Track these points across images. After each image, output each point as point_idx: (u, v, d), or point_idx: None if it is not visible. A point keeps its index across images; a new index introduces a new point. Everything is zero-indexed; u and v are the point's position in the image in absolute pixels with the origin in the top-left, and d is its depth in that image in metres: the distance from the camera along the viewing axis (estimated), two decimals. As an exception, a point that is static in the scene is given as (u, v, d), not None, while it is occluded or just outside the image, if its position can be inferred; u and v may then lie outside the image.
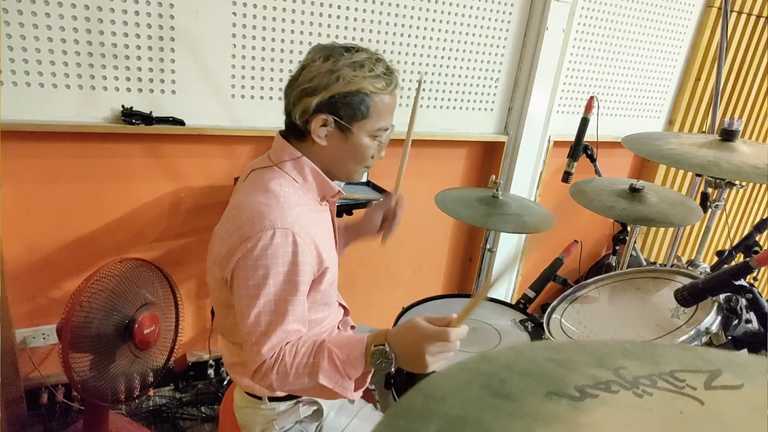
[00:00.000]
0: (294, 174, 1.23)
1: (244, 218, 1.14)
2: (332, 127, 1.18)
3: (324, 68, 1.14)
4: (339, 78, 1.13)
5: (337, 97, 1.14)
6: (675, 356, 0.39)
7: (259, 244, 1.10)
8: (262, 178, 1.22)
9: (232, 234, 1.15)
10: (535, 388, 0.34)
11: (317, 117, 1.16)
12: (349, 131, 1.18)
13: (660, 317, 1.42)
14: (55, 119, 1.84)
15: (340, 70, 1.13)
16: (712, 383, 0.36)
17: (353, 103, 1.15)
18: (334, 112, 1.16)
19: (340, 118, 1.16)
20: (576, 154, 2.39)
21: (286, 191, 1.18)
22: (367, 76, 1.15)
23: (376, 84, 1.16)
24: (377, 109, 1.18)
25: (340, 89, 1.14)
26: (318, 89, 1.14)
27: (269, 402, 1.34)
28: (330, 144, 1.20)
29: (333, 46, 1.18)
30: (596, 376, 0.36)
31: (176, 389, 2.42)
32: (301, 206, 1.19)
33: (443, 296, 1.90)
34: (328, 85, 1.14)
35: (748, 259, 1.26)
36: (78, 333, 1.63)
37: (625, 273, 1.67)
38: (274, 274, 1.11)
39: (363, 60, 1.15)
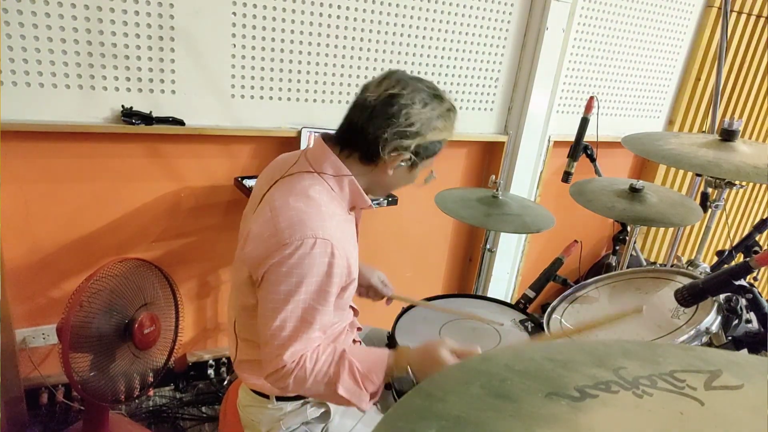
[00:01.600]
0: (332, 183, 1.25)
1: (283, 224, 1.14)
2: (407, 163, 1.25)
3: (424, 116, 1.19)
4: (434, 129, 1.22)
5: (426, 144, 1.23)
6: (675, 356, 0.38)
7: (298, 252, 1.11)
8: (301, 183, 1.22)
9: (268, 238, 1.15)
10: (535, 388, 0.34)
11: (402, 155, 1.22)
12: (417, 166, 1.27)
13: (660, 317, 1.42)
14: (55, 119, 1.84)
15: (436, 121, 1.21)
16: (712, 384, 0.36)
17: (433, 149, 1.26)
18: (417, 153, 1.23)
19: (417, 158, 1.24)
20: (576, 154, 2.39)
21: (324, 199, 1.20)
22: (449, 126, 1.26)
23: (452, 131, 1.28)
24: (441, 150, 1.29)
25: (432, 138, 1.22)
26: (416, 135, 1.20)
27: (277, 401, 1.33)
28: (394, 174, 1.27)
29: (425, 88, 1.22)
30: (596, 376, 0.35)
31: (176, 389, 2.42)
32: (336, 216, 1.22)
33: (443, 296, 1.90)
34: (425, 135, 1.21)
35: (748, 259, 1.26)
36: (78, 333, 1.63)
37: (625, 273, 1.67)
38: (308, 283, 1.12)
39: (449, 111, 1.25)
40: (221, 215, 2.29)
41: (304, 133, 2.21)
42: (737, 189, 2.05)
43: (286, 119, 2.21)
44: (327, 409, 1.36)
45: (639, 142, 1.81)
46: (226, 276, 2.42)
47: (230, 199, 2.27)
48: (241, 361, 1.36)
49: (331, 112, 2.30)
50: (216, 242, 2.32)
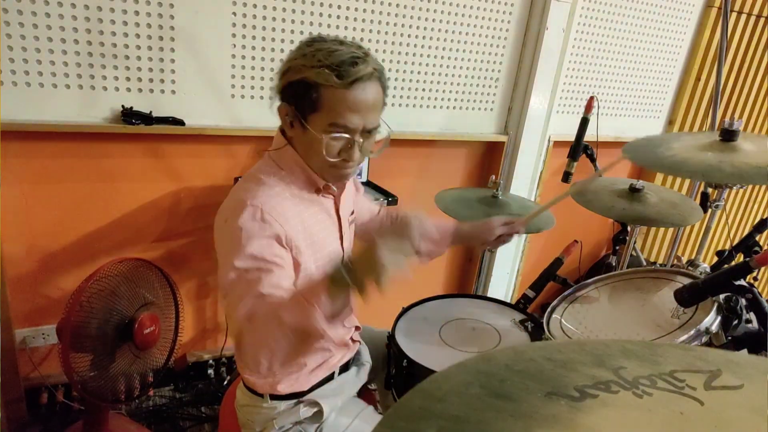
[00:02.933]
0: (281, 163, 1.25)
1: (225, 204, 1.21)
2: (293, 117, 1.17)
3: (292, 55, 1.15)
4: (292, 68, 1.13)
5: (290, 86, 1.14)
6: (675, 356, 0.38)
7: (231, 218, 1.14)
8: (254, 169, 1.27)
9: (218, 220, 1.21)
10: (534, 388, 0.34)
11: (281, 105, 1.19)
12: (305, 124, 1.15)
13: (660, 317, 1.42)
14: (55, 119, 1.84)
15: (300, 59, 1.11)
16: (712, 383, 0.36)
17: (303, 94, 1.12)
18: (290, 101, 1.16)
19: (296, 108, 1.15)
20: (576, 154, 2.39)
21: (271, 180, 1.21)
22: (313, 66, 1.09)
23: (324, 75, 1.08)
24: (329, 104, 1.11)
25: (291, 77, 1.13)
26: (280, 76, 1.16)
27: (270, 400, 1.34)
28: (296, 136, 1.21)
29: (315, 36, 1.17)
30: (596, 376, 0.35)
31: (176, 389, 2.42)
32: (283, 191, 1.21)
33: (443, 296, 1.90)
34: (286, 73, 1.14)
35: (748, 259, 1.26)
36: (78, 333, 1.63)
37: (625, 273, 1.67)
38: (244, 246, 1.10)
39: (321, 49, 1.10)
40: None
41: (304, 133, 2.21)
42: (737, 189, 2.05)
43: (286, 119, 2.21)
44: (320, 408, 1.36)
45: (640, 152, 1.80)
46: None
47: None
48: (239, 358, 1.37)
49: (331, 112, 2.29)
50: (216, 242, 2.31)
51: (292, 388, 1.33)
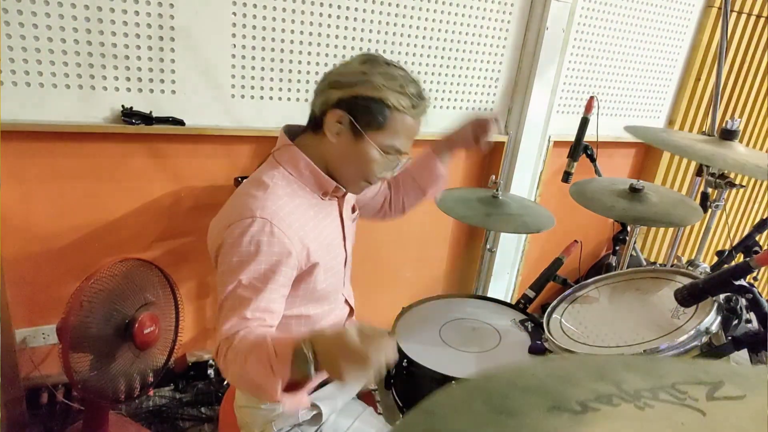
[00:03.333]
0: (289, 167, 1.23)
1: (229, 209, 1.18)
2: (346, 126, 1.17)
3: (358, 69, 1.15)
4: (367, 81, 1.14)
5: (359, 99, 1.14)
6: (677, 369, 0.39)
7: (237, 231, 1.11)
8: (260, 172, 1.24)
9: (217, 224, 1.19)
10: (537, 403, 0.34)
11: (334, 111, 1.16)
12: (361, 137, 1.17)
13: (660, 317, 1.42)
14: (55, 119, 1.84)
15: (371, 75, 1.14)
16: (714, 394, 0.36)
17: (373, 110, 1.15)
18: (352, 112, 1.15)
19: (355, 120, 1.15)
20: (576, 154, 2.38)
21: (276, 183, 1.19)
22: (394, 90, 1.14)
23: (401, 101, 1.15)
24: (394, 126, 1.17)
25: (365, 92, 1.14)
26: (345, 85, 1.15)
27: (269, 403, 1.34)
28: (339, 143, 1.19)
29: (379, 56, 1.20)
30: (598, 389, 0.36)
31: (176, 389, 2.42)
32: (290, 198, 1.20)
33: (443, 296, 1.90)
34: (355, 84, 1.14)
35: (748, 259, 1.26)
36: (78, 333, 1.63)
37: (625, 273, 1.67)
38: (246, 262, 1.10)
39: (397, 75, 1.16)
40: (221, 215, 2.28)
41: (304, 133, 2.21)
42: (737, 189, 2.05)
43: (286, 119, 2.19)
44: (319, 411, 1.36)
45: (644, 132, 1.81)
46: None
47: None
48: None
49: (331, 112, 2.29)
50: (216, 242, 2.32)
51: None
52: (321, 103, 1.17)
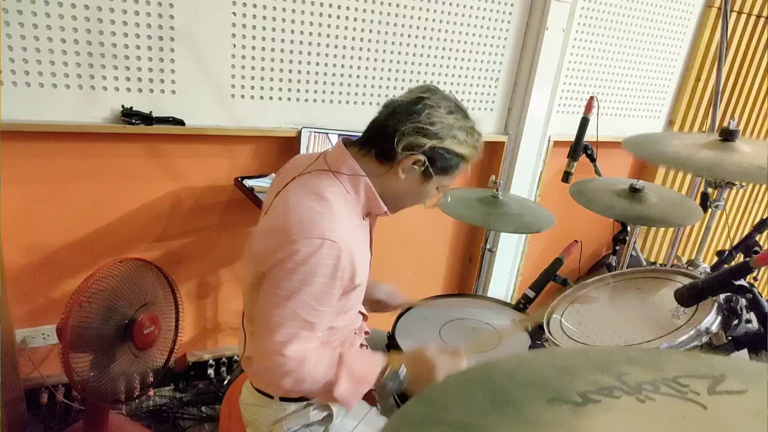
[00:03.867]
0: (348, 186, 1.24)
1: (293, 221, 1.14)
2: (419, 169, 1.23)
3: (447, 121, 1.20)
4: (454, 137, 1.21)
5: (442, 151, 1.21)
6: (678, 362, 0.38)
7: (305, 251, 1.11)
8: (317, 182, 1.22)
9: (278, 233, 1.15)
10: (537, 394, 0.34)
11: (415, 156, 1.20)
12: (430, 179, 1.25)
13: (660, 317, 1.42)
14: (55, 119, 1.84)
15: (457, 130, 1.21)
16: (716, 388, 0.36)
17: (449, 160, 1.24)
18: (431, 159, 1.22)
19: (432, 166, 1.22)
20: (576, 154, 2.39)
21: (338, 202, 1.20)
22: (471, 145, 1.25)
23: (474, 153, 1.27)
24: (456, 171, 1.29)
25: (450, 146, 1.21)
26: (434, 136, 1.19)
27: (280, 402, 1.33)
28: (405, 180, 1.25)
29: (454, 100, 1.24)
30: (599, 382, 0.35)
31: (176, 389, 2.42)
32: (349, 220, 1.21)
33: (443, 296, 1.90)
34: (443, 138, 1.20)
35: (748, 259, 1.26)
36: (78, 333, 1.63)
37: (625, 273, 1.67)
38: (312, 283, 1.12)
39: (473, 129, 1.25)
40: (221, 215, 2.29)
41: (304, 133, 2.21)
42: (737, 189, 2.05)
43: (286, 119, 2.21)
44: (330, 412, 1.36)
45: (639, 145, 1.80)
46: (226, 276, 2.42)
47: (230, 199, 2.27)
48: (249, 357, 1.36)
49: (331, 112, 2.30)
50: (216, 242, 2.32)
51: None
52: (406, 145, 1.20)
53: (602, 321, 1.51)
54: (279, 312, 1.13)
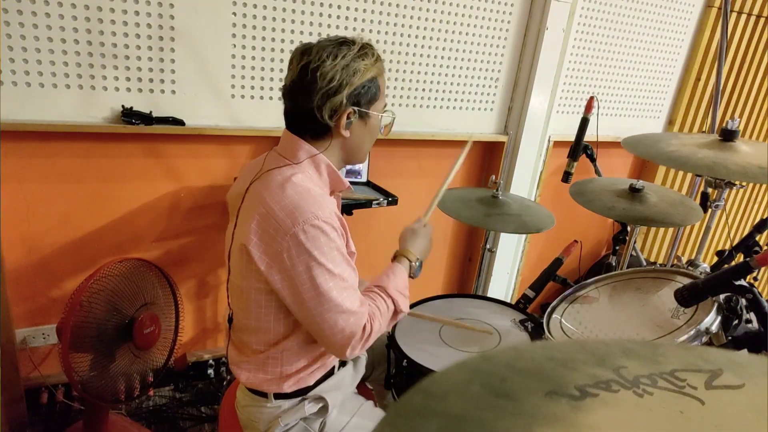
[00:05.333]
0: (311, 170, 1.27)
1: (281, 215, 1.16)
2: (356, 117, 1.25)
3: (339, 66, 1.19)
4: (356, 72, 1.21)
5: (358, 89, 1.22)
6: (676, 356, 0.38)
7: (309, 235, 1.15)
8: (282, 175, 1.24)
9: (273, 233, 1.17)
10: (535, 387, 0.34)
11: (344, 112, 1.22)
12: (368, 116, 1.27)
13: (660, 317, 1.42)
14: (55, 119, 1.84)
15: (353, 64, 1.20)
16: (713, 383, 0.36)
17: (370, 91, 1.25)
18: (356, 103, 1.24)
19: (361, 107, 1.25)
20: (576, 154, 2.39)
21: (309, 185, 1.23)
22: (372, 63, 1.24)
23: (379, 67, 1.27)
24: (382, 89, 1.29)
25: (360, 81, 1.22)
26: (342, 86, 1.20)
27: (275, 400, 1.34)
28: (352, 133, 1.27)
29: (328, 43, 1.22)
30: (597, 375, 0.35)
31: (176, 389, 2.42)
32: (326, 198, 1.26)
33: (443, 296, 1.90)
34: (350, 81, 1.20)
35: (748, 259, 1.26)
36: (78, 333, 1.63)
37: (625, 273, 1.67)
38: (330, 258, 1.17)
39: (362, 48, 1.24)
40: (221, 215, 2.29)
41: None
42: (737, 189, 2.05)
43: (286, 119, 2.21)
44: (325, 404, 1.37)
45: (640, 144, 1.81)
46: (226, 276, 2.41)
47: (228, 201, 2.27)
48: (238, 362, 1.36)
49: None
50: (216, 242, 2.32)
51: (297, 385, 1.34)
52: (330, 112, 1.21)
53: (602, 321, 1.51)
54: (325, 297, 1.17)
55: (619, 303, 1.58)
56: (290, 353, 1.30)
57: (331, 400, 1.37)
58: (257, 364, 1.32)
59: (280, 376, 1.32)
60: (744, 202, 3.76)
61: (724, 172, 1.57)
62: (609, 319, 1.51)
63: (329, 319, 1.19)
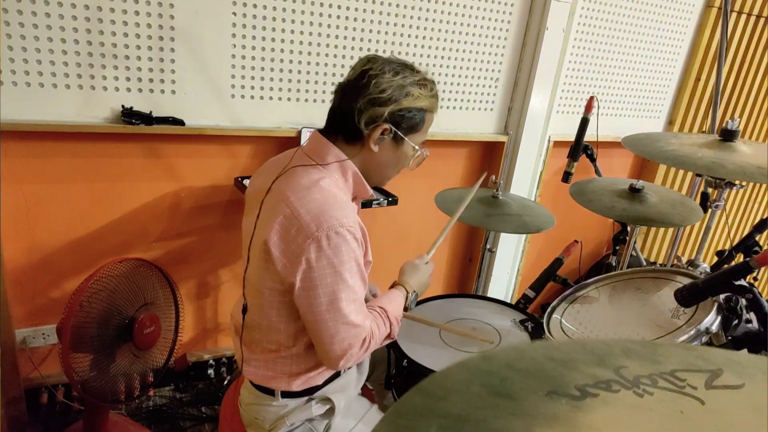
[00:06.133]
0: (338, 175, 1.27)
1: (307, 218, 1.16)
2: (389, 136, 1.26)
3: (395, 83, 1.21)
4: (408, 94, 1.23)
5: (403, 111, 1.23)
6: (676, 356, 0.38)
7: (332, 242, 1.16)
8: (309, 177, 1.24)
9: (295, 235, 1.17)
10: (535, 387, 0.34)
11: (381, 126, 1.23)
12: (402, 141, 1.27)
13: (660, 317, 1.42)
14: (55, 119, 1.84)
15: (409, 87, 1.23)
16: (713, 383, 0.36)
17: (414, 118, 1.26)
18: (396, 123, 1.24)
19: (399, 130, 1.25)
20: (576, 154, 2.39)
21: (334, 191, 1.23)
22: (428, 96, 1.27)
23: (432, 103, 1.29)
24: (426, 125, 1.31)
25: (408, 104, 1.23)
26: (389, 101, 1.21)
27: (282, 398, 1.34)
28: (380, 151, 1.27)
29: (395, 60, 1.26)
30: (597, 375, 0.35)
31: (176, 389, 2.42)
32: (350, 204, 1.27)
33: (443, 296, 1.90)
34: (399, 100, 1.22)
35: (748, 259, 1.26)
36: (78, 333, 1.63)
37: (625, 273, 1.67)
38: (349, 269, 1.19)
39: (424, 80, 1.27)
40: (221, 215, 2.29)
41: (304, 133, 2.21)
42: (737, 189, 2.05)
43: (286, 119, 2.21)
44: (332, 405, 1.37)
45: (640, 143, 1.81)
46: (226, 276, 2.42)
47: (230, 199, 2.27)
48: (247, 358, 1.36)
49: (331, 112, 2.30)
50: (216, 242, 2.32)
51: (306, 384, 1.33)
52: (368, 119, 1.22)
53: (602, 321, 1.51)
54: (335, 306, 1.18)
55: (619, 303, 1.58)
56: (301, 353, 1.30)
57: (337, 402, 1.37)
58: (267, 362, 1.32)
59: (289, 374, 1.31)
60: (744, 202, 3.76)
61: (722, 171, 1.57)
62: (609, 319, 1.51)
63: (332, 328, 1.19)
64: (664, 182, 3.36)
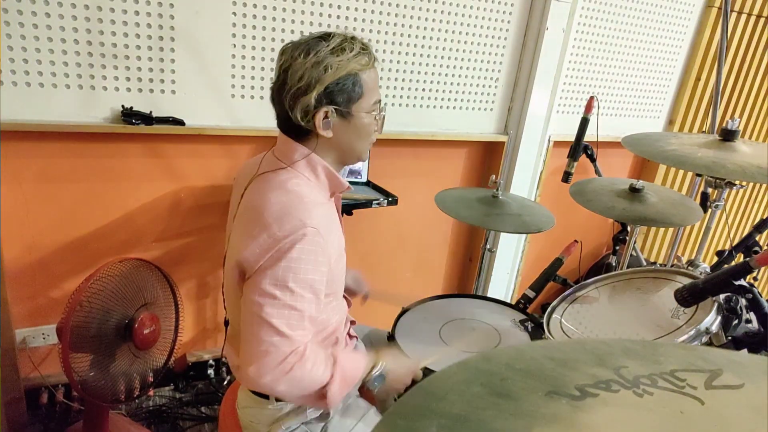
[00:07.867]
0: (307, 173, 1.25)
1: (270, 219, 1.14)
2: (334, 116, 1.20)
3: (309, 63, 1.14)
4: (327, 68, 1.15)
5: (331, 87, 1.16)
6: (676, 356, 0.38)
7: (290, 241, 1.11)
8: (277, 179, 1.22)
9: (258, 236, 1.14)
10: (535, 387, 0.34)
11: (318, 112, 1.17)
12: (350, 115, 1.21)
13: (660, 317, 1.42)
14: (55, 119, 1.84)
15: (325, 60, 1.15)
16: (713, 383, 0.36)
17: (347, 88, 1.18)
18: (332, 102, 1.18)
19: (339, 106, 1.19)
20: (576, 154, 2.39)
21: (304, 191, 1.20)
22: (351, 58, 1.17)
23: (361, 62, 1.18)
24: (368, 86, 1.21)
25: (332, 78, 1.16)
26: (312, 85, 1.15)
27: (276, 402, 1.33)
28: (336, 133, 1.22)
29: (306, 39, 1.19)
30: (597, 375, 0.35)
31: (176, 389, 2.42)
32: (319, 205, 1.21)
33: (443, 296, 1.90)
34: (320, 78, 1.15)
35: (748, 259, 1.26)
36: (78, 333, 1.63)
37: (625, 273, 1.67)
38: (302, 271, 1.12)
39: (341, 43, 1.17)
40: (221, 215, 2.29)
41: (304, 133, 2.20)
42: (737, 189, 2.05)
43: (286, 119, 2.21)
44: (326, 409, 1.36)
45: (639, 143, 1.81)
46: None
47: (230, 199, 2.27)
48: (236, 365, 1.35)
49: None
50: (216, 242, 2.32)
51: None
52: (302, 113, 1.18)
53: (602, 321, 1.51)
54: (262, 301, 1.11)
55: (619, 303, 1.58)
56: None
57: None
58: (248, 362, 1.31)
59: None
60: (744, 202, 3.76)
61: (722, 171, 1.57)
62: (609, 319, 1.51)
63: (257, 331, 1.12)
64: (664, 182, 3.36)
